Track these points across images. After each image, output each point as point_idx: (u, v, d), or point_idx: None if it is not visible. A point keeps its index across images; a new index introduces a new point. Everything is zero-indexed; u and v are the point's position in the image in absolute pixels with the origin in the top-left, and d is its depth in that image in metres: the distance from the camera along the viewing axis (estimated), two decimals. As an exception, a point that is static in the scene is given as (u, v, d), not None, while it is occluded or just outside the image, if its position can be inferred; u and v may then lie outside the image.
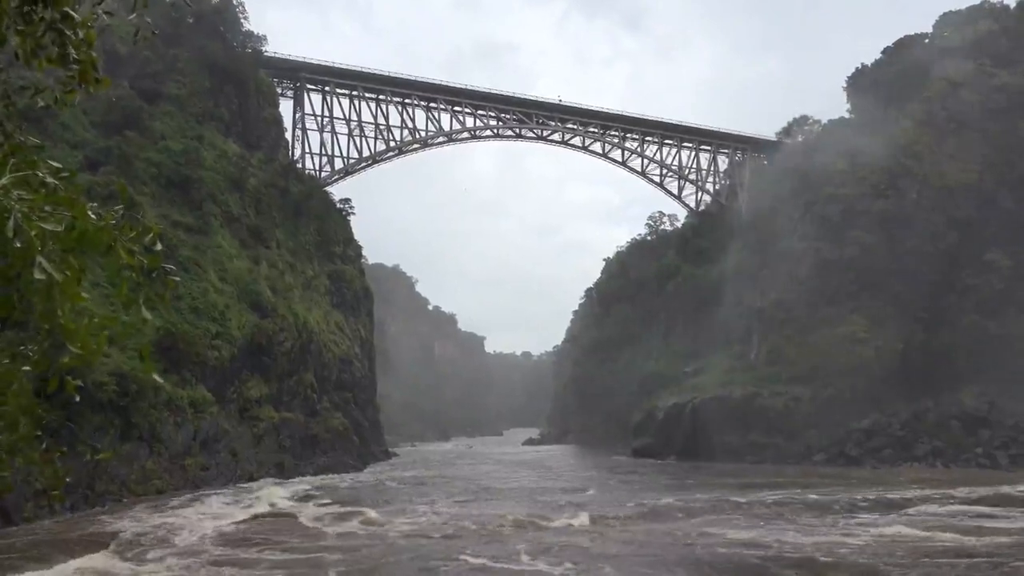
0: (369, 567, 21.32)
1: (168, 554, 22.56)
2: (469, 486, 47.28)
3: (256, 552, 23.17)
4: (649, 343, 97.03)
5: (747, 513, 31.21)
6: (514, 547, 23.29)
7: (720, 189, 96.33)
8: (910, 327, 63.85)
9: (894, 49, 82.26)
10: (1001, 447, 55.79)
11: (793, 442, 63.23)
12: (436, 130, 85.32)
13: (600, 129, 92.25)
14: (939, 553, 21.56)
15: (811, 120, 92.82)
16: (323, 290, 69.60)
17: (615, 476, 54.76)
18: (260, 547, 23.98)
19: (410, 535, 26.56)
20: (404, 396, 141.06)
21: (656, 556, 22.44)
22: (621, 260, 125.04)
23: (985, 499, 33.74)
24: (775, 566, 20.88)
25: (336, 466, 55.81)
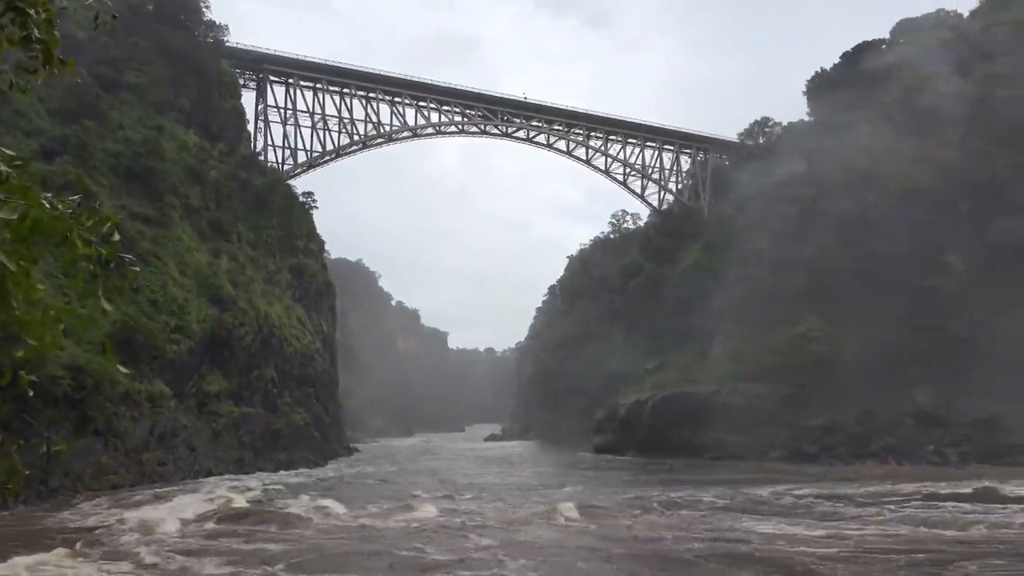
0: (324, 560, 21.27)
1: (123, 549, 22.23)
2: (432, 481, 47.30)
3: (211, 547, 22.94)
4: (612, 340, 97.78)
5: (712, 509, 31.69)
6: (479, 543, 23.37)
7: (682, 189, 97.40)
8: (867, 327, 65.13)
9: (853, 54, 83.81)
10: (952, 445, 57.29)
11: (751, 439, 64.17)
12: (400, 125, 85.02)
13: (565, 127, 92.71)
14: (881, 550, 22.04)
15: (772, 122, 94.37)
16: (285, 284, 68.92)
17: (578, 472, 55.17)
18: (215, 542, 23.75)
19: (370, 529, 26.49)
20: (366, 392, 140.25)
21: (623, 554, 22.71)
22: (585, 257, 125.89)
23: (937, 496, 34.60)
24: (743, 561, 21.26)
25: (297, 462, 55.36)
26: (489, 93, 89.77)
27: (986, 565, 19.53)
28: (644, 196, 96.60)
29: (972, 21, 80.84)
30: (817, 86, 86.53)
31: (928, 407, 60.46)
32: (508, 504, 33.25)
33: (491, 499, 35.76)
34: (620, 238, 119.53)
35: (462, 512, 30.37)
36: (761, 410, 65.12)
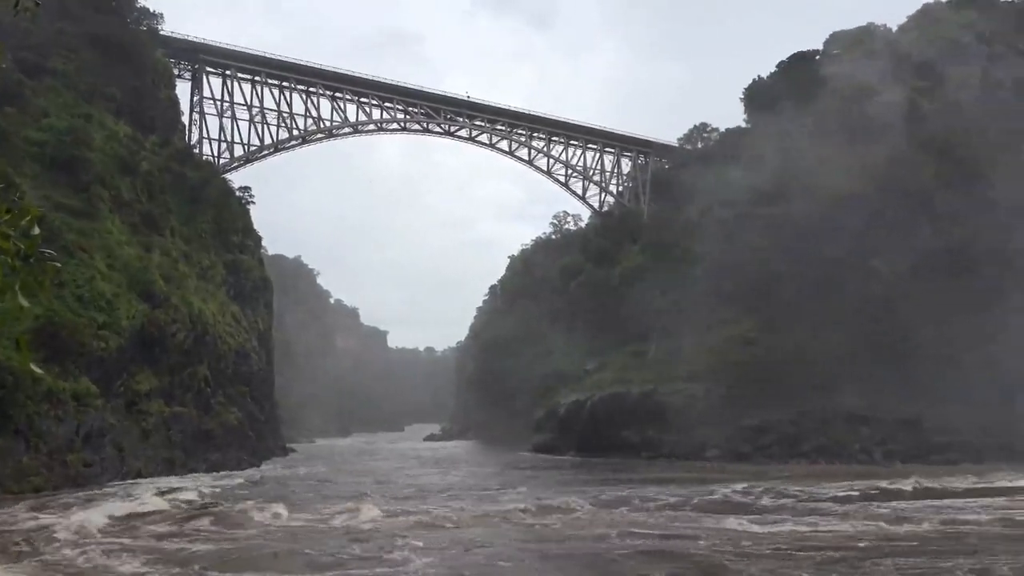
0: (247, 560, 20.94)
1: (44, 554, 21.37)
2: (368, 481, 46.82)
3: (137, 547, 22.27)
4: (552, 340, 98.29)
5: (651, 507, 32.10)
6: (410, 543, 23.17)
7: (623, 191, 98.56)
8: (801, 329, 66.90)
9: (788, 63, 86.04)
10: (878, 444, 59.32)
11: (687, 438, 65.26)
12: (341, 120, 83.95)
13: (507, 127, 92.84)
14: (805, 547, 22.54)
15: (710, 128, 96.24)
16: (219, 280, 67.27)
17: (516, 472, 55.29)
18: (141, 543, 23.06)
19: (297, 530, 26.11)
20: (304, 391, 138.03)
21: (554, 553, 22.80)
22: (526, 258, 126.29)
23: (868, 495, 35.69)
24: (671, 558, 21.56)
25: (230, 462, 54.12)
26: (432, 91, 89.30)
27: (904, 563, 20.08)
28: (585, 198, 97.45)
29: (901, 35, 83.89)
30: (754, 93, 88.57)
31: (856, 408, 62.44)
32: (444, 504, 33.07)
33: (428, 499, 35.55)
34: (561, 239, 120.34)
35: (398, 512, 30.10)
36: (697, 410, 66.28)
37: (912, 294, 64.67)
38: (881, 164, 69.77)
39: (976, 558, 20.42)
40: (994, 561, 19.97)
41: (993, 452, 55.19)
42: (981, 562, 20.03)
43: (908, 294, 64.91)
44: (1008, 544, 22.69)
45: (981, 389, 58.04)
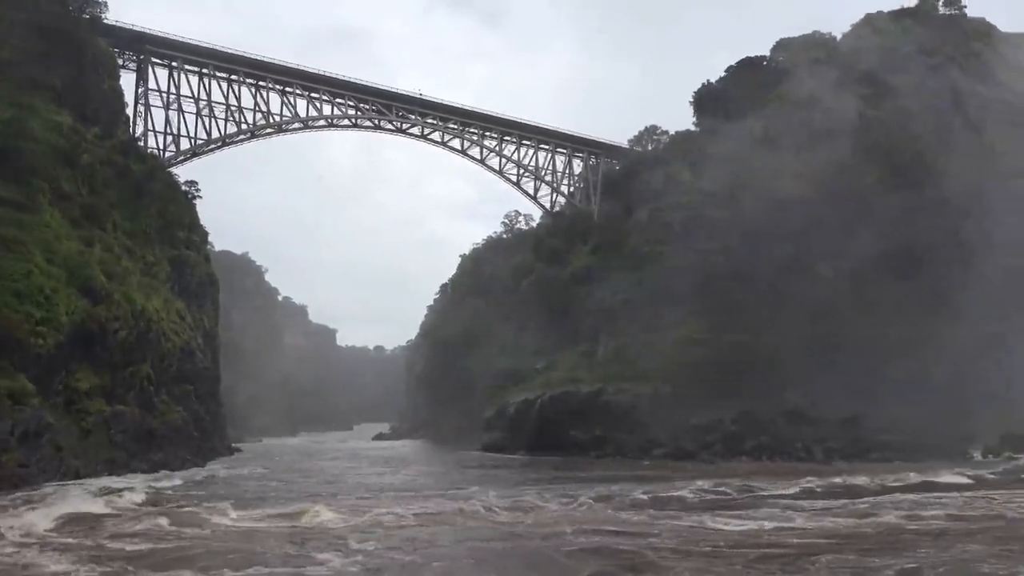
0: (181, 560, 20.76)
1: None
2: (314, 481, 46.39)
3: (74, 549, 21.77)
4: (502, 339, 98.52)
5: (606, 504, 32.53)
6: (353, 545, 23.16)
7: (574, 192, 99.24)
8: (745, 330, 68.35)
9: (736, 69, 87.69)
10: (818, 442, 60.92)
11: (635, 437, 66.16)
12: (291, 116, 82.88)
13: (460, 126, 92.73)
14: (743, 544, 23.08)
15: (660, 130, 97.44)
16: (164, 276, 65.76)
17: (465, 471, 55.35)
18: (76, 544, 22.55)
19: (236, 531, 25.83)
20: (250, 389, 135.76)
21: (497, 549, 22.96)
22: (477, 257, 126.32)
23: (804, 491, 36.66)
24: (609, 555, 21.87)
25: (173, 462, 52.98)
26: (384, 88, 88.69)
27: (838, 559, 20.53)
28: (537, 198, 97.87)
29: (845, 43, 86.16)
30: (703, 97, 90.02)
31: (798, 407, 64.15)
32: (392, 504, 32.91)
33: (376, 499, 35.28)
34: (513, 238, 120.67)
35: (343, 512, 29.93)
36: (645, 409, 67.23)
37: (853, 297, 66.71)
38: (826, 169, 71.60)
39: (908, 556, 20.94)
40: (924, 560, 20.51)
41: (929, 450, 57.16)
42: (915, 559, 20.58)
43: (850, 296, 66.92)
44: (939, 541, 23.39)
45: (919, 388, 60.16)
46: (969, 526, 26.23)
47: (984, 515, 28.96)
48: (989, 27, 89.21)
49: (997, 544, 22.54)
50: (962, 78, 79.93)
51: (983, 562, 19.97)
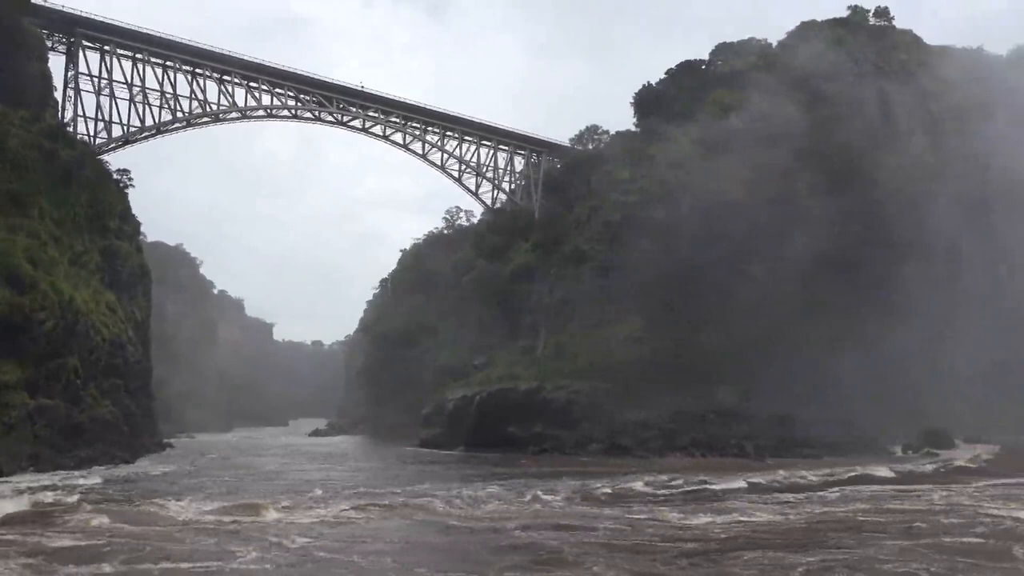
0: (97, 555, 20.48)
1: None
2: (248, 477, 45.74)
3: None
4: (442, 335, 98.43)
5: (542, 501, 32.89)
6: (277, 541, 23.11)
7: (515, 189, 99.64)
8: (682, 329, 69.76)
9: (676, 71, 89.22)
10: (749, 439, 62.52)
11: (572, 433, 66.88)
12: (229, 104, 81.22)
13: (402, 120, 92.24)
14: (665, 539, 23.66)
15: (601, 130, 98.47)
16: (94, 267, 63.76)
17: (400, 467, 55.30)
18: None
19: (164, 528, 25.50)
20: (183, 384, 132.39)
21: (414, 546, 23.15)
22: (418, 252, 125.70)
23: (752, 486, 37.69)
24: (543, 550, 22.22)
25: (101, 458, 51.48)
26: (325, 79, 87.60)
27: (763, 555, 21.14)
28: (478, 194, 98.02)
29: (780, 50, 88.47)
30: (643, 99, 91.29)
31: (731, 404, 65.80)
32: (324, 500, 32.69)
33: (307, 495, 34.88)
34: (454, 234, 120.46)
35: (274, 507, 29.72)
36: (582, 406, 68.04)
37: (787, 298, 68.75)
38: (762, 173, 73.37)
39: (823, 552, 21.53)
40: (838, 556, 21.11)
41: (855, 446, 59.32)
42: (831, 556, 21.16)
43: (784, 298, 68.94)
44: (858, 536, 24.17)
45: (847, 387, 62.44)
46: (885, 520, 27.31)
47: (901, 510, 30.19)
48: (916, 39, 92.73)
49: (907, 539, 23.46)
50: (891, 87, 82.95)
51: (894, 560, 20.63)
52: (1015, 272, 72.48)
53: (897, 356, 66.05)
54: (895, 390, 64.24)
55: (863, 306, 68.51)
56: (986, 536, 23.77)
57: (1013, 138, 76.41)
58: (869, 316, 67.97)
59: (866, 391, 62.58)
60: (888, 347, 65.82)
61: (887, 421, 63.52)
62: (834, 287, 69.96)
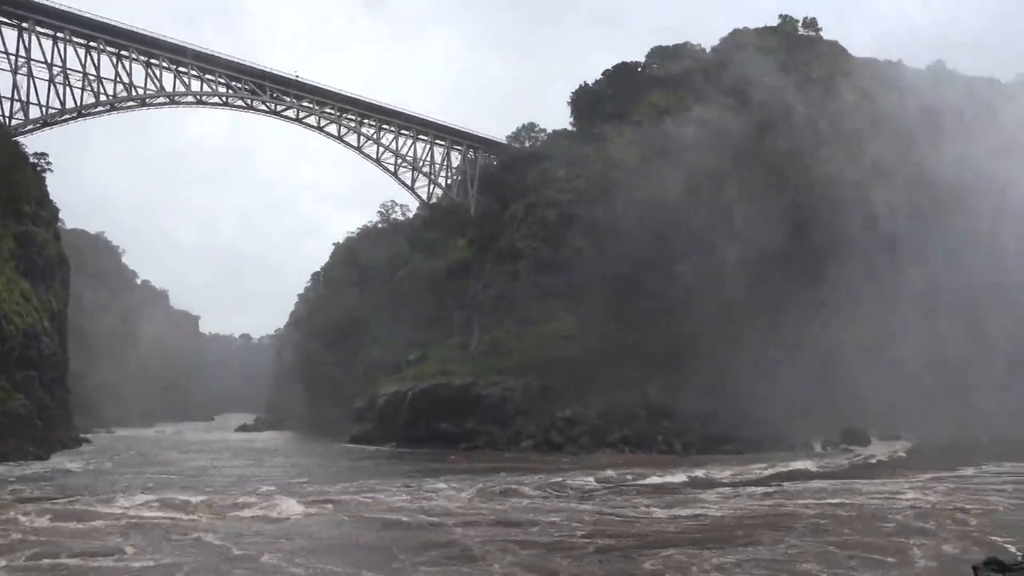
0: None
1: None
2: (166, 474, 44.48)
3: None
4: (375, 330, 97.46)
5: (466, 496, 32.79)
6: (194, 538, 22.60)
7: (452, 184, 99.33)
8: (613, 326, 70.63)
9: (613, 73, 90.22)
10: (676, 436, 63.70)
11: (504, 429, 67.12)
12: (156, 89, 78.66)
13: (337, 111, 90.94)
14: (591, 534, 23.89)
15: (538, 128, 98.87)
16: (7, 254, 61.05)
17: (329, 463, 54.61)
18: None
19: (71, 526, 24.70)
20: (103, 377, 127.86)
21: (323, 545, 22.94)
22: (351, 245, 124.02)
23: (651, 487, 38.27)
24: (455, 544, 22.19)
25: (13, 454, 49.34)
26: (257, 66, 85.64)
27: (679, 553, 21.35)
28: (414, 188, 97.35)
29: (714, 55, 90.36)
30: (580, 98, 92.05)
31: (659, 402, 66.95)
32: (243, 498, 32.01)
33: (225, 492, 34.11)
34: (389, 228, 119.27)
35: (184, 506, 29.02)
36: (514, 402, 68.34)
37: (708, 298, 70.37)
38: (693, 175, 74.79)
39: (732, 551, 21.76)
40: (750, 555, 21.41)
41: (778, 443, 60.94)
42: (743, 554, 21.42)
43: (704, 298, 70.54)
44: (774, 533, 24.55)
45: (777, 385, 64.13)
46: (796, 516, 27.86)
47: (813, 505, 30.96)
48: (841, 50, 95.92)
49: (814, 536, 24.00)
50: (817, 95, 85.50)
51: (792, 559, 20.88)
52: (949, 273, 75.30)
53: (827, 355, 67.95)
54: (824, 388, 66.02)
55: (796, 307, 70.28)
56: (887, 534, 24.32)
57: (937, 147, 80.00)
58: (802, 317, 69.87)
59: (795, 389, 64.28)
60: (818, 347, 67.80)
61: (814, 419, 65.35)
62: (767, 288, 71.65)
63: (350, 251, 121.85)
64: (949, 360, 70.70)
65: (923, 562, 20.40)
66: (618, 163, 77.79)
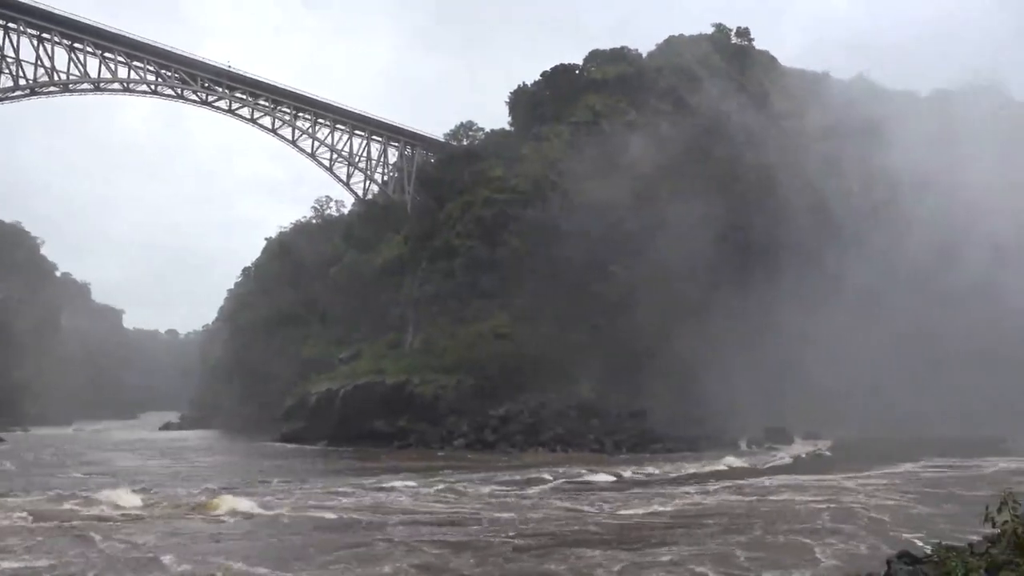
0: None
1: None
2: (80, 473, 43.05)
3: None
4: (307, 327, 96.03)
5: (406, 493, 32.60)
6: (124, 539, 22.00)
7: (388, 181, 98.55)
8: (546, 325, 71.14)
9: (551, 74, 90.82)
10: (608, 435, 64.51)
11: (437, 428, 66.95)
12: (81, 75, 75.86)
13: (271, 103, 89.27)
14: (518, 534, 24.01)
15: (476, 127, 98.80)
16: (-86, 244, 58.04)
17: (257, 462, 53.57)
18: None
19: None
20: (20, 373, 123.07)
21: (242, 546, 22.71)
22: (284, 240, 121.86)
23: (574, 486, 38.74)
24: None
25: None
26: (189, 55, 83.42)
27: (588, 552, 21.53)
28: (349, 184, 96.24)
29: (649, 60, 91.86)
30: (518, 98, 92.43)
31: (590, 401, 67.77)
32: (167, 498, 31.24)
33: (150, 492, 33.18)
34: (323, 223, 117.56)
35: (104, 505, 28.27)
36: (448, 400, 68.27)
37: (641, 299, 71.57)
38: (627, 177, 75.92)
39: (641, 552, 21.94)
40: (664, 552, 21.77)
41: (705, 442, 62.29)
42: (648, 556, 21.58)
43: (638, 299, 71.74)
44: (689, 533, 24.83)
45: (707, 385, 65.60)
46: (715, 515, 28.37)
47: (733, 503, 31.80)
48: (772, 60, 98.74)
49: (727, 535, 24.40)
50: (748, 103, 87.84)
51: (696, 562, 20.99)
52: (881, 281, 77.98)
53: (757, 356, 69.50)
54: (755, 387, 67.55)
55: (728, 308, 71.91)
56: (798, 533, 24.72)
57: (862, 160, 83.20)
58: (734, 317, 71.58)
59: (725, 389, 65.77)
60: (751, 346, 69.40)
61: (742, 417, 66.91)
62: (700, 289, 73.03)
63: (283, 246, 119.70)
64: (874, 359, 73.30)
65: (831, 561, 20.76)
66: (555, 164, 78.45)
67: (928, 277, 76.12)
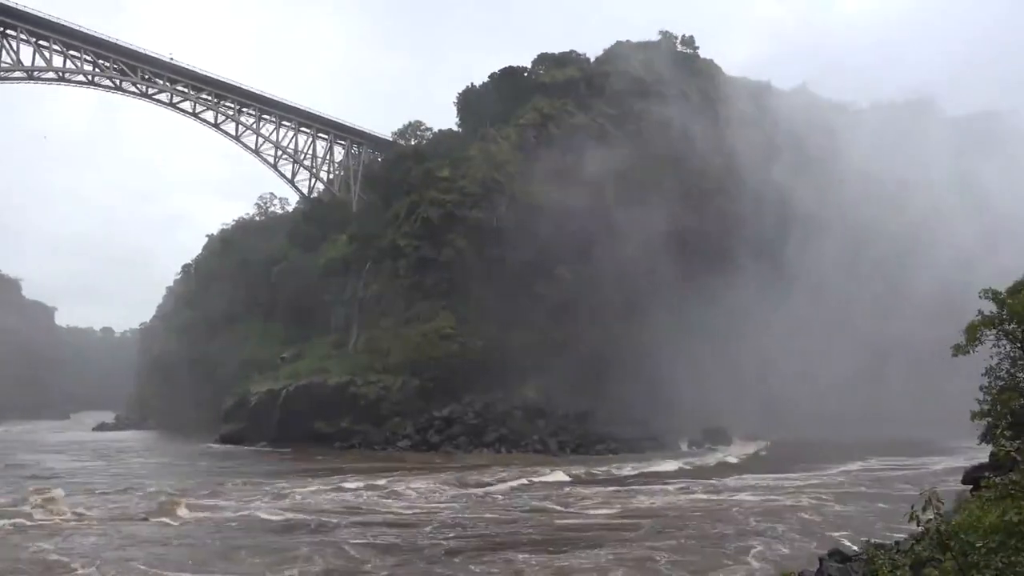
0: None
1: None
2: (8, 476, 41.69)
3: None
4: (249, 326, 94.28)
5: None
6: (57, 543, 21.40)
7: (333, 179, 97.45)
8: (491, 327, 71.21)
9: (499, 76, 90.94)
10: (552, 435, 64.93)
11: (380, 429, 66.51)
12: (13, 63, 73.24)
13: (214, 97, 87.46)
14: (461, 536, 24.29)
15: (424, 127, 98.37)
16: None
17: (194, 463, 52.56)
18: None
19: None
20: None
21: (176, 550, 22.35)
22: (226, 237, 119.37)
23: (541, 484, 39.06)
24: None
25: None
26: (128, 46, 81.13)
27: (512, 556, 21.76)
28: (294, 181, 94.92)
29: (597, 65, 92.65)
30: (466, 99, 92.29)
31: (535, 402, 68.07)
32: (97, 502, 30.46)
33: (81, 496, 32.37)
34: (267, 221, 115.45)
35: (24, 510, 27.51)
36: (392, 401, 67.87)
37: (586, 301, 72.16)
38: (572, 180, 76.37)
39: (579, 554, 22.27)
40: (587, 556, 21.99)
41: (648, 443, 63.19)
42: (588, 558, 21.90)
43: (583, 300, 72.30)
44: (619, 535, 25.30)
45: (643, 385, 66.42)
46: (646, 517, 28.89)
47: (665, 505, 32.37)
48: (716, 69, 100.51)
49: (654, 539, 24.79)
50: (691, 110, 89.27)
51: (613, 567, 21.25)
52: (824, 287, 79.82)
53: (701, 359, 70.46)
54: (694, 389, 68.49)
55: (671, 312, 72.70)
56: (726, 536, 25.20)
57: (802, 170, 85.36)
58: (665, 321, 72.51)
59: (668, 390, 66.62)
60: (679, 350, 70.41)
61: (684, 417, 67.85)
62: (643, 292, 73.76)
63: (225, 243, 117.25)
64: (817, 362, 74.95)
65: (756, 563, 21.14)
66: (503, 166, 78.54)
67: (884, 284, 78.76)
